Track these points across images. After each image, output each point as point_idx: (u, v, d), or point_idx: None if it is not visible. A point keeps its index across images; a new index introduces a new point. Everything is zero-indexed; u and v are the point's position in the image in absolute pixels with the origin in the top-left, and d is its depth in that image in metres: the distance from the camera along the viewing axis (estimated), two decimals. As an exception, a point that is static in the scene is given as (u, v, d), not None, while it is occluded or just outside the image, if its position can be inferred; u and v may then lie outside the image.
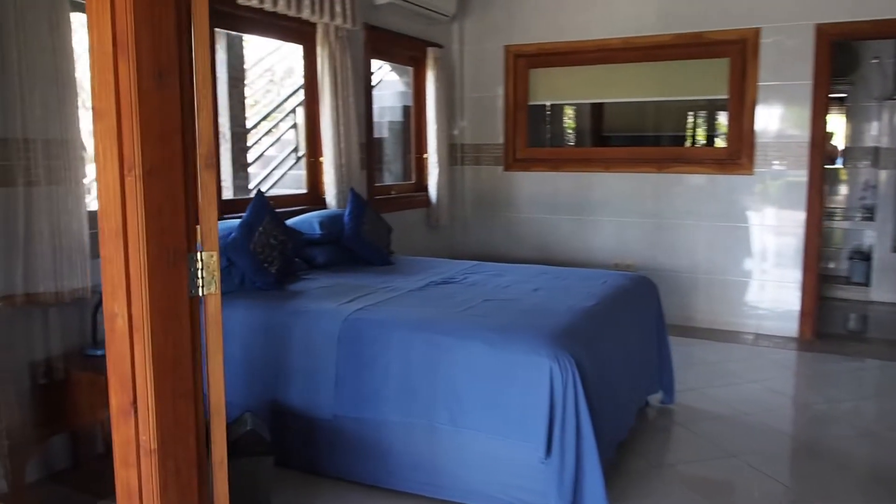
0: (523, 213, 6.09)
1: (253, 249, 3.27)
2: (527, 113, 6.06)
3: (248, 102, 7.71)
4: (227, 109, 5.27)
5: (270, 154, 6.76)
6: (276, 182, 6.32)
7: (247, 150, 5.53)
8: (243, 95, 5.45)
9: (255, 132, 6.64)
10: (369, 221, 4.12)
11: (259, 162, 6.67)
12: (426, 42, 5.66)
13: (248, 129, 5.71)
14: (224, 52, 5.21)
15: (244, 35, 5.30)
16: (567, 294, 3.23)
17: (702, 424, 3.57)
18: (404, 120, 6.98)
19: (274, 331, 2.98)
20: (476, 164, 6.25)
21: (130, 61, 1.50)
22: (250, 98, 7.75)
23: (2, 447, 2.33)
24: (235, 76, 5.27)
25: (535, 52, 5.90)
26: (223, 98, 5.28)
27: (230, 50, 5.22)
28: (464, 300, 3.11)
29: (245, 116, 5.57)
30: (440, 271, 3.83)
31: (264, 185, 6.28)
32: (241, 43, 5.33)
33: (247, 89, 7.70)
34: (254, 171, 6.54)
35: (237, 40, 5.28)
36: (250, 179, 6.20)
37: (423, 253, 5.62)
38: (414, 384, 2.68)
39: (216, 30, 4.99)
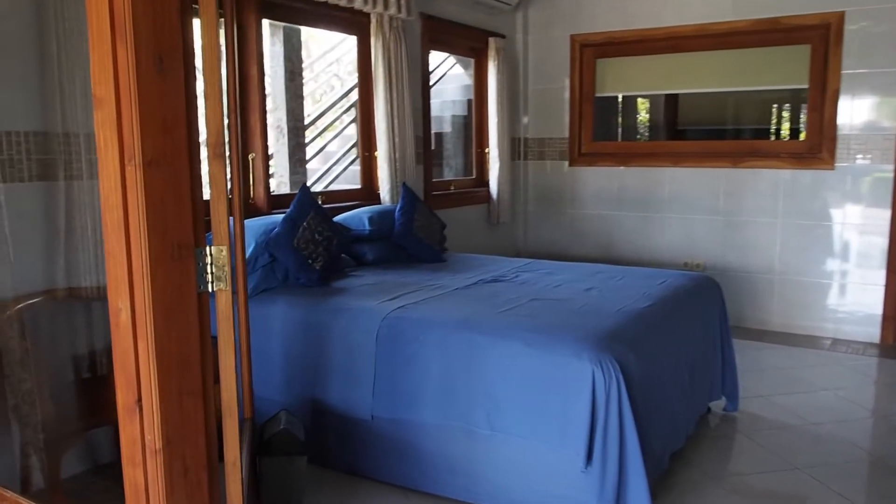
0: (588, 210, 5.89)
1: (296, 245, 3.22)
2: (593, 105, 5.85)
3: (316, 96, 7.76)
4: (284, 103, 5.26)
5: (333, 149, 6.75)
6: (337, 177, 6.29)
7: (304, 145, 5.51)
8: (301, 89, 5.44)
9: (319, 126, 6.64)
10: (421, 217, 4.03)
11: (322, 157, 6.68)
12: (488, 32, 5.53)
13: (306, 124, 5.69)
14: (281, 44, 5.20)
15: (302, 27, 5.29)
16: (620, 295, 3.06)
17: (766, 434, 3.33)
18: (468, 114, 6.86)
19: (314, 328, 2.92)
20: (539, 158, 6.08)
21: (128, 46, 1.43)
22: (317, 91, 7.79)
23: (38, 441, 2.35)
24: (292, 69, 5.26)
25: (603, 41, 5.69)
26: (280, 92, 5.28)
27: (287, 42, 5.21)
28: (510, 299, 2.97)
29: (303, 110, 5.56)
30: (492, 269, 3.70)
31: (325, 181, 6.27)
32: (298, 35, 5.31)
33: (312, 82, 7.75)
34: (316, 167, 6.55)
35: (294, 33, 5.27)
36: (309, 174, 6.20)
37: (481, 250, 5.49)
38: (452, 385, 2.57)
39: (272, 22, 5.01)
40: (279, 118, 5.36)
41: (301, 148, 5.47)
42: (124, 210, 1.49)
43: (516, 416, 2.44)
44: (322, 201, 4.25)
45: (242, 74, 3.71)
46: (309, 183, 6.07)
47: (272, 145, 5.48)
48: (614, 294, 3.07)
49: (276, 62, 5.31)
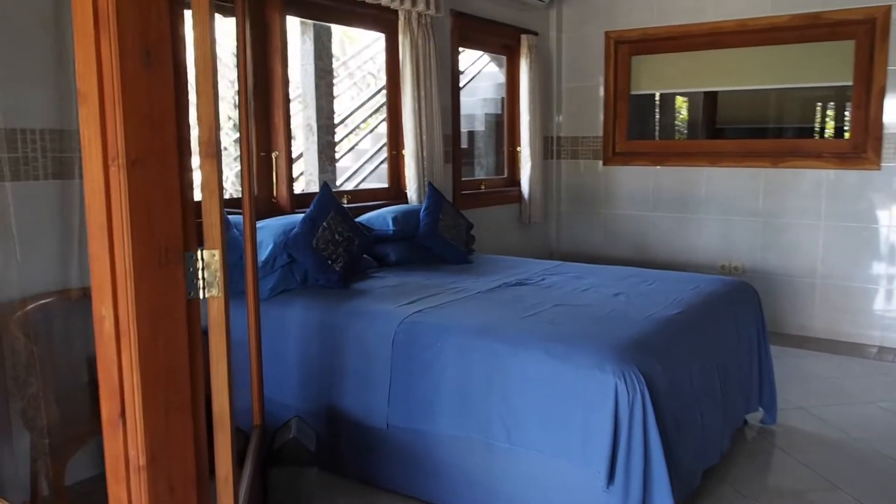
0: (622, 210, 5.72)
1: (315, 246, 3.14)
2: (627, 103, 5.67)
3: (353, 93, 7.69)
4: (314, 101, 5.21)
5: (366, 147, 6.69)
6: (368, 176, 6.23)
7: (334, 144, 5.45)
8: (331, 87, 5.38)
9: (351, 124, 6.58)
10: (447, 217, 3.92)
11: (355, 155, 6.62)
12: (520, 29, 5.39)
13: (335, 122, 5.63)
14: (311, 42, 5.15)
15: (333, 25, 5.22)
16: (649, 301, 2.91)
17: (805, 449, 3.14)
18: (502, 112, 6.74)
19: (330, 331, 2.84)
20: (573, 157, 5.92)
21: (112, 38, 1.35)
22: (353, 89, 7.73)
23: (43, 445, 2.30)
24: (322, 67, 5.21)
25: (639, 37, 5.51)
26: (310, 90, 5.23)
27: (317, 40, 5.15)
28: (533, 304, 2.85)
29: (333, 109, 5.50)
30: (518, 271, 3.57)
31: (355, 179, 6.21)
32: (328, 33, 5.26)
33: (348, 80, 7.70)
34: (348, 164, 6.50)
35: (325, 31, 5.21)
36: (341, 173, 6.15)
37: (513, 251, 5.37)
38: (469, 395, 2.46)
39: (302, 21, 4.95)
40: (309, 116, 5.32)
41: (331, 146, 5.41)
42: (107, 212, 1.41)
43: (536, 429, 2.31)
44: (348, 200, 4.18)
45: (266, 71, 3.65)
46: (340, 181, 6.02)
47: (302, 144, 5.44)
48: (643, 300, 2.92)
49: (307, 60, 5.27)
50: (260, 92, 3.66)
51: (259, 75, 3.64)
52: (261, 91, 3.66)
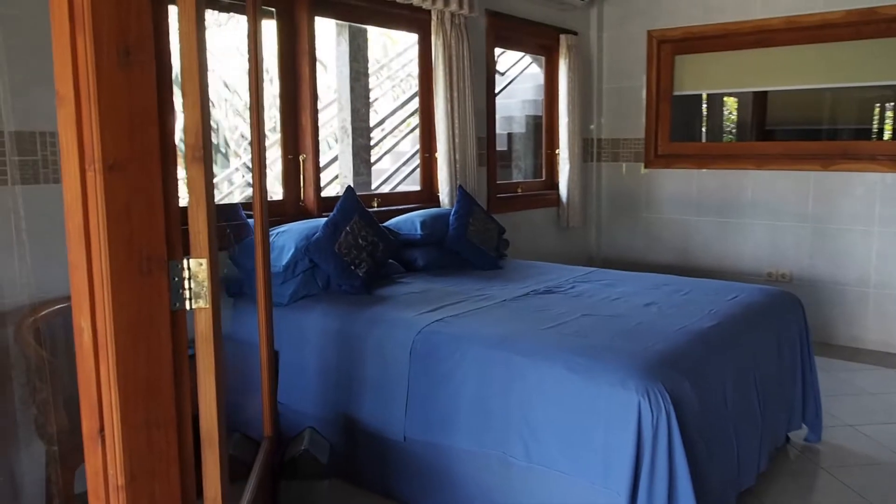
0: (664, 214, 5.52)
1: (338, 250, 3.07)
2: (670, 104, 5.48)
3: (395, 94, 7.64)
4: (349, 104, 5.16)
5: (404, 150, 6.62)
6: (405, 179, 6.16)
7: (370, 146, 5.39)
8: (367, 90, 5.32)
9: (388, 126, 6.52)
10: (477, 222, 3.81)
11: (392, 158, 6.56)
12: (559, 29, 5.25)
13: (371, 125, 5.56)
14: (346, 44, 5.10)
15: (369, 26, 5.16)
16: (683, 312, 2.75)
17: (852, 470, 2.94)
18: (543, 114, 6.60)
19: (349, 339, 2.76)
20: (613, 160, 5.75)
21: (87, 36, 1.28)
22: (396, 90, 7.68)
23: (52, 453, 2.27)
24: (358, 69, 5.15)
25: (682, 36, 5.31)
26: (345, 92, 5.18)
27: (352, 42, 5.10)
28: (559, 314, 2.72)
29: (369, 111, 5.44)
30: (549, 278, 3.44)
31: (393, 181, 6.15)
32: (364, 35, 5.20)
33: (388, 81, 7.65)
34: (386, 167, 6.44)
35: (361, 33, 5.15)
36: (378, 175, 6.09)
37: (551, 255, 5.23)
38: (487, 410, 2.35)
39: (338, 23, 4.90)
40: (344, 119, 5.27)
41: (366, 149, 5.35)
42: (84, 218, 1.34)
43: (556, 447, 2.19)
44: (378, 204, 4.11)
45: (295, 74, 3.60)
46: (376, 184, 5.96)
47: (337, 146, 5.40)
48: (676, 311, 2.77)
49: (342, 62, 5.22)
50: (288, 95, 3.61)
51: (287, 78, 3.59)
52: (289, 94, 3.61)
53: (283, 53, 3.58)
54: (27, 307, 2.46)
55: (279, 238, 3.12)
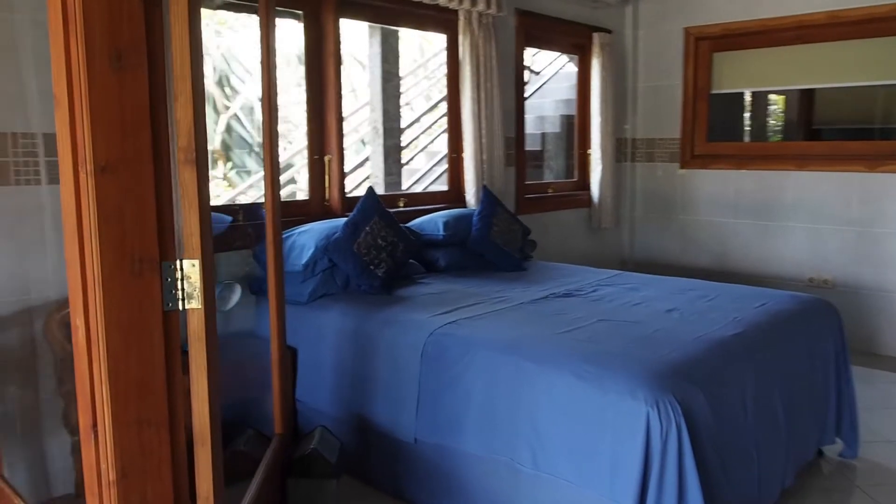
0: (701, 216, 5.40)
1: (357, 250, 3.07)
2: (708, 103, 5.36)
3: (430, 94, 7.63)
4: (381, 104, 5.17)
5: (436, 150, 6.61)
6: (437, 178, 6.14)
7: (400, 147, 5.40)
8: (398, 90, 5.33)
9: (420, 127, 6.52)
10: (501, 222, 3.78)
11: (426, 158, 6.56)
12: (592, 27, 5.18)
13: (401, 126, 5.56)
14: (378, 45, 5.11)
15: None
16: (705, 319, 2.68)
17: (890, 489, 2.83)
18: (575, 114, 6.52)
19: (363, 339, 2.76)
20: (648, 160, 5.65)
21: (79, 39, 1.30)
22: (429, 91, 7.67)
23: (76, 443, 2.32)
24: (389, 70, 5.16)
25: (721, 33, 5.19)
26: (376, 93, 5.20)
27: (384, 43, 5.11)
28: (575, 318, 2.68)
29: (399, 112, 5.44)
30: (571, 281, 3.39)
31: (424, 182, 6.15)
32: (396, 37, 5.20)
33: (426, 81, 7.64)
34: (418, 167, 6.45)
35: (392, 34, 5.16)
36: (408, 176, 6.09)
37: (581, 258, 5.16)
38: (495, 415, 2.32)
39: (370, 25, 4.91)
40: (375, 120, 5.29)
41: (397, 149, 5.36)
42: (78, 219, 1.37)
43: (563, 456, 2.15)
44: (404, 204, 4.11)
45: (320, 75, 3.62)
46: (408, 184, 5.97)
47: (368, 147, 5.42)
48: (698, 318, 2.70)
49: (374, 63, 5.23)
50: (313, 96, 3.63)
51: (312, 79, 3.61)
52: (314, 95, 3.63)
53: (310, 55, 3.60)
54: (55, 303, 2.53)
55: (300, 237, 3.14)
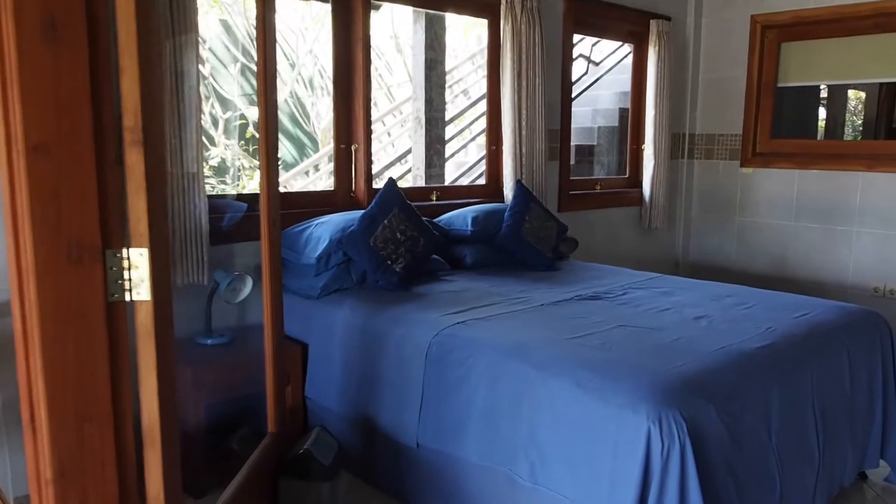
0: (760, 218, 5.09)
1: (373, 244, 2.97)
2: (773, 97, 5.03)
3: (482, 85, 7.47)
4: (423, 93, 5.05)
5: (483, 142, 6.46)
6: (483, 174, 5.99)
7: (443, 139, 5.26)
8: (443, 79, 5.19)
9: (469, 117, 6.38)
10: (534, 219, 3.61)
11: (477, 150, 6.42)
12: (649, 13, 4.92)
13: (446, 117, 5.43)
14: (423, 31, 4.99)
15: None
16: (735, 328, 2.46)
17: (940, 525, 2.55)
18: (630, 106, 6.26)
19: (371, 337, 2.65)
20: (707, 157, 5.36)
21: (7, 7, 1.22)
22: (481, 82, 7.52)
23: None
24: (433, 58, 5.03)
25: (790, 20, 4.86)
26: (419, 81, 5.08)
27: (428, 29, 4.98)
28: (593, 323, 2.50)
29: (444, 101, 5.31)
30: (603, 283, 3.20)
31: (471, 175, 6.01)
32: (442, 22, 5.06)
33: (481, 70, 7.48)
34: (467, 160, 6.31)
35: (438, 19, 5.02)
36: (453, 169, 5.97)
37: (629, 259, 4.94)
38: (496, 423, 2.18)
39: (415, 10, 4.80)
40: (418, 109, 5.18)
41: (440, 140, 5.23)
42: (11, 201, 1.29)
43: (562, 469, 1.99)
44: (437, 197, 3.98)
45: (348, 60, 3.52)
46: (452, 178, 5.84)
47: (410, 137, 5.31)
48: (727, 327, 2.48)
49: (418, 50, 5.12)
50: (341, 82, 3.54)
51: (340, 64, 3.52)
52: (342, 81, 3.54)
53: (338, 40, 3.51)
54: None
55: (316, 229, 3.05)
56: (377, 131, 7.06)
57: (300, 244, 3.04)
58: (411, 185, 5.34)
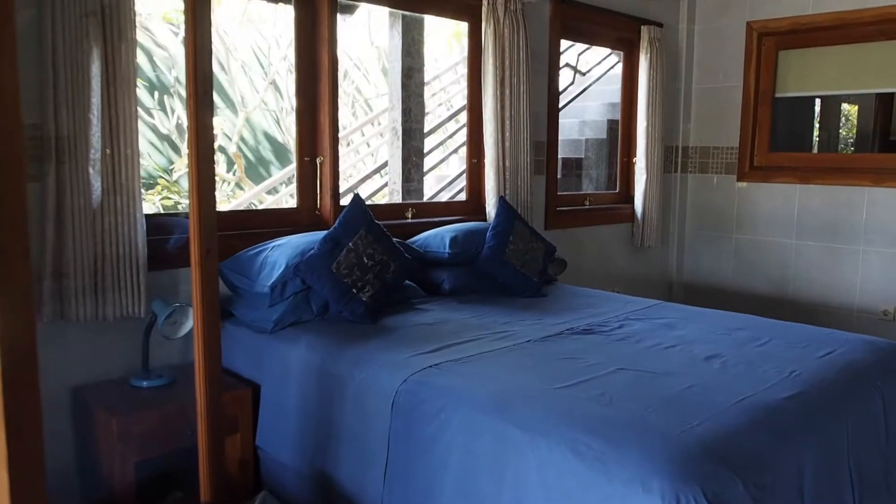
0: (759, 236, 4.77)
1: (336, 270, 2.60)
2: (771, 108, 4.73)
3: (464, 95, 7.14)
4: (400, 102, 4.70)
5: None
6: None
7: (422, 151, 4.91)
8: (421, 88, 4.84)
9: (449, 129, 6.04)
10: (519, 240, 3.26)
11: (460, 164, 6.07)
12: (641, 20, 4.62)
13: (424, 128, 5.08)
14: (399, 36, 4.64)
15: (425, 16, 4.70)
16: (754, 372, 2.11)
17: None
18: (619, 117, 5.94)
19: (330, 381, 2.28)
20: (701, 171, 5.04)
21: None
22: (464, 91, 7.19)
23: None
24: (411, 65, 4.68)
25: (788, 28, 4.57)
26: (396, 90, 4.73)
27: (406, 34, 4.63)
28: (589, 366, 2.14)
29: (423, 111, 4.96)
30: (596, 312, 2.85)
31: (453, 189, 5.66)
32: (420, 27, 4.72)
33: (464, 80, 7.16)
34: (449, 173, 5.97)
35: (416, 23, 4.68)
36: (433, 183, 5.62)
37: (621, 279, 4.61)
38: (475, 491, 1.81)
39: (391, 10, 4.46)
40: (394, 119, 4.82)
41: (418, 153, 4.88)
42: None
43: (554, 555, 1.62)
44: (413, 215, 3.62)
45: (310, 62, 3.17)
46: (431, 193, 5.49)
47: (387, 149, 4.96)
48: (745, 370, 2.13)
49: (394, 56, 4.77)
50: (304, 88, 3.18)
51: (303, 69, 3.17)
52: (306, 87, 3.18)
53: (301, 43, 3.15)
54: None
55: (272, 253, 2.68)
56: (354, 142, 6.71)
57: (253, 270, 2.67)
58: (387, 200, 4.99)
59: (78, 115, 2.34)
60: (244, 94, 6.87)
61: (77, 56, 2.31)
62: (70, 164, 2.36)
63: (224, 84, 6.76)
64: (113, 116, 2.46)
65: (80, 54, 2.32)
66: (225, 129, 6.56)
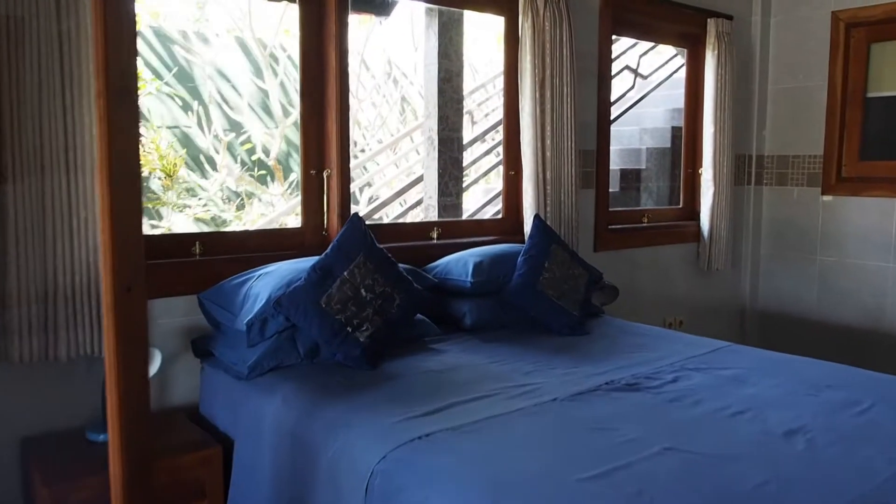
0: (849, 258, 4.13)
1: (326, 306, 2.17)
2: (862, 110, 4.09)
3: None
4: (437, 110, 4.27)
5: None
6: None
7: (461, 162, 4.46)
8: (460, 93, 4.40)
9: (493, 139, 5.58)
10: (557, 266, 2.76)
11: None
12: (707, 12, 4.07)
13: (462, 137, 4.62)
14: (435, 38, 4.22)
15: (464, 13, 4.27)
16: (853, 456, 1.56)
17: None
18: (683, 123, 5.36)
19: (301, 448, 1.84)
20: (779, 183, 4.43)
21: None
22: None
23: None
24: (449, 68, 4.25)
25: (882, 16, 3.95)
26: (432, 96, 4.30)
27: (442, 35, 4.20)
28: (626, 443, 1.63)
29: (461, 119, 4.51)
30: (646, 357, 2.34)
31: (497, 205, 5.18)
32: (458, 28, 4.28)
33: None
34: (489, 187, 5.50)
35: (454, 24, 4.25)
36: (475, 197, 5.16)
37: (683, 307, 4.06)
38: None
39: (428, 7, 4.06)
40: (430, 128, 4.39)
41: (456, 164, 4.43)
42: None
43: None
44: (439, 234, 3.17)
45: (316, 62, 2.77)
46: (472, 209, 5.03)
47: (422, 160, 4.54)
48: (841, 452, 1.58)
49: (430, 58, 4.35)
50: (309, 92, 2.78)
51: (309, 71, 2.77)
52: (311, 91, 2.78)
53: (306, 42, 2.76)
54: None
55: (256, 283, 2.27)
56: (402, 149, 6.31)
57: (237, 303, 2.26)
58: (422, 217, 4.56)
59: (26, 124, 2.00)
60: (284, 105, 6.57)
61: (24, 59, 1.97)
62: (15, 182, 2.02)
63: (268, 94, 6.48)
64: (69, 125, 2.10)
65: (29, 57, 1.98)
66: (264, 141, 6.28)
